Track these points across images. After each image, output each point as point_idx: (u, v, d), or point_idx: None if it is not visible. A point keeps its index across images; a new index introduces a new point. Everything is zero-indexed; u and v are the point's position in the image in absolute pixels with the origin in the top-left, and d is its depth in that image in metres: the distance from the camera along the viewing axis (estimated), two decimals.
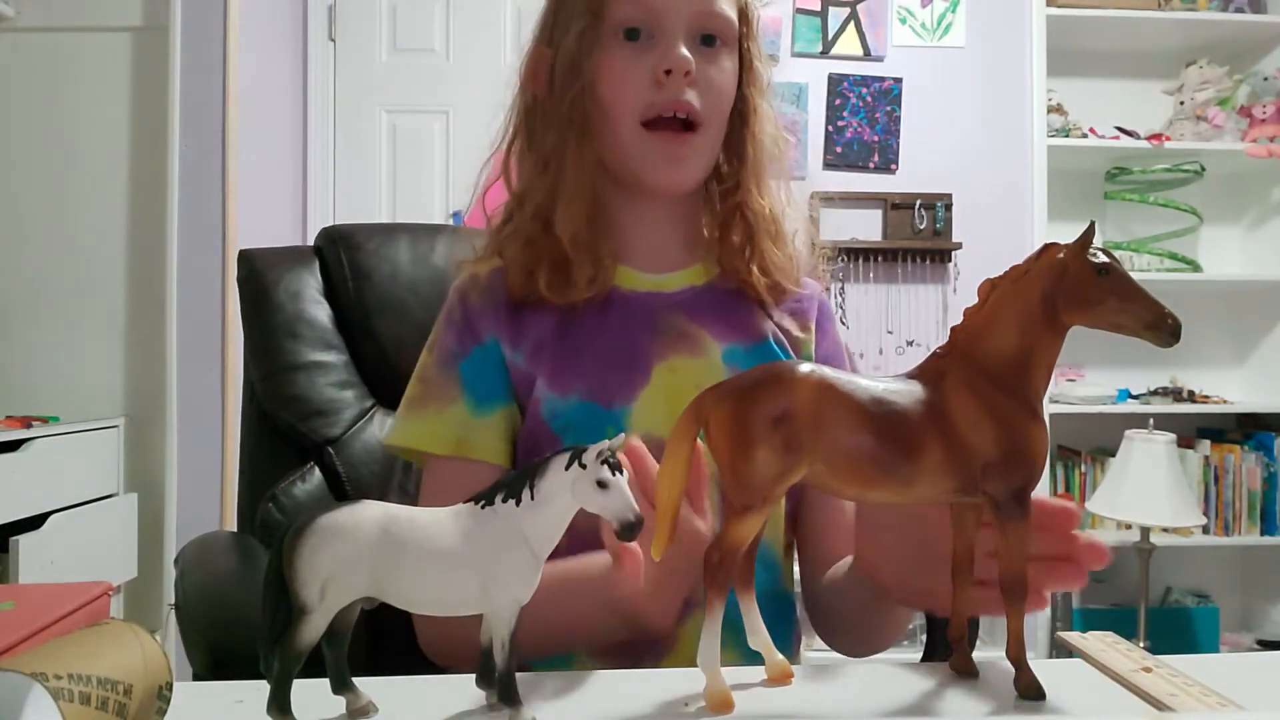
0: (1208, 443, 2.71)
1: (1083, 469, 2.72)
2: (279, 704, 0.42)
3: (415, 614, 0.72)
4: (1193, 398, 2.70)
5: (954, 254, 2.73)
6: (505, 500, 0.44)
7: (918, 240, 2.71)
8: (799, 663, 0.62)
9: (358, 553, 0.43)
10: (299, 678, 0.43)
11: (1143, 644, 2.25)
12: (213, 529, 2.40)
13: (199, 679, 0.71)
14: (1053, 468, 2.71)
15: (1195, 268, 2.70)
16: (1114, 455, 2.39)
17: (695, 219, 0.86)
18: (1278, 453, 2.64)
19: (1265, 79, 2.74)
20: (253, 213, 2.62)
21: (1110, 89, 2.85)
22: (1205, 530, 2.63)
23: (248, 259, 1.04)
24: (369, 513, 0.44)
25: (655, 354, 0.79)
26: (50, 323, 2.57)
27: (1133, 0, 2.70)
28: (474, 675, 0.48)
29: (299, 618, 0.42)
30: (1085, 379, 2.73)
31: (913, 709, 0.48)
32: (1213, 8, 2.77)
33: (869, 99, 2.76)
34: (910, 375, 0.49)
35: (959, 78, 2.79)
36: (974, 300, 0.49)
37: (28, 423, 2.26)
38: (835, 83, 2.76)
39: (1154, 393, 2.72)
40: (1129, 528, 2.42)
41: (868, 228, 2.74)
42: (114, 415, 2.53)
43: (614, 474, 0.43)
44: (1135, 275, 0.49)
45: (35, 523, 2.10)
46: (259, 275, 1.02)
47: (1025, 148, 2.73)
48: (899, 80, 2.77)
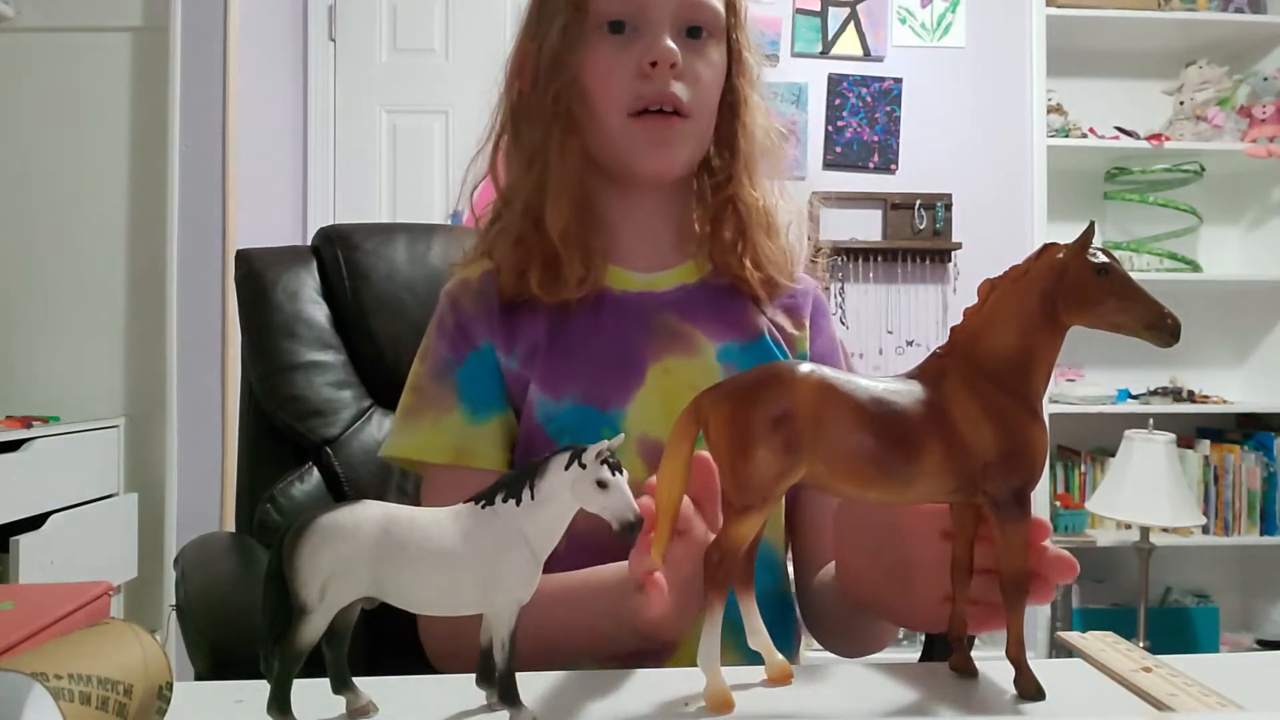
0: (1207, 443, 2.71)
1: (1082, 469, 2.72)
2: (279, 704, 0.42)
3: (420, 618, 0.73)
4: (1192, 398, 2.70)
5: (954, 254, 2.73)
6: (505, 500, 0.44)
7: (917, 240, 2.71)
8: (799, 663, 0.62)
9: (358, 553, 0.43)
10: (299, 678, 0.43)
11: (1142, 644, 2.25)
12: (212, 529, 2.41)
13: (201, 679, 0.71)
14: (1053, 468, 2.71)
15: (1195, 268, 2.70)
16: (1114, 455, 2.39)
17: (686, 214, 0.86)
18: (1277, 453, 2.64)
19: (1265, 79, 2.74)
20: (252, 213, 2.62)
21: (1110, 89, 2.85)
22: (1205, 530, 2.63)
23: (246, 259, 1.04)
24: (369, 513, 0.44)
25: (649, 355, 0.79)
26: (50, 323, 2.57)
27: (1133, 0, 2.70)
28: (474, 675, 0.47)
29: (299, 617, 0.42)
30: (1085, 379, 2.73)
31: (912, 709, 0.48)
32: (1212, 8, 2.77)
33: (869, 99, 2.76)
34: (910, 375, 0.49)
35: (959, 78, 2.79)
36: (974, 300, 0.49)
37: (28, 423, 2.26)
38: (835, 83, 2.76)
39: (1154, 393, 2.72)
40: (1129, 528, 2.42)
41: (867, 228, 2.74)
42: (114, 415, 2.53)
43: (614, 474, 0.43)
44: (1135, 275, 0.49)
45: (35, 523, 2.10)
46: (257, 275, 1.02)
47: (1025, 148, 2.73)
48: (899, 80, 2.77)
